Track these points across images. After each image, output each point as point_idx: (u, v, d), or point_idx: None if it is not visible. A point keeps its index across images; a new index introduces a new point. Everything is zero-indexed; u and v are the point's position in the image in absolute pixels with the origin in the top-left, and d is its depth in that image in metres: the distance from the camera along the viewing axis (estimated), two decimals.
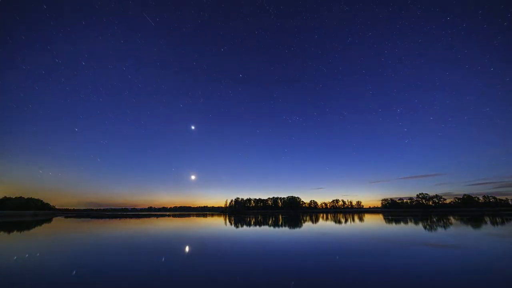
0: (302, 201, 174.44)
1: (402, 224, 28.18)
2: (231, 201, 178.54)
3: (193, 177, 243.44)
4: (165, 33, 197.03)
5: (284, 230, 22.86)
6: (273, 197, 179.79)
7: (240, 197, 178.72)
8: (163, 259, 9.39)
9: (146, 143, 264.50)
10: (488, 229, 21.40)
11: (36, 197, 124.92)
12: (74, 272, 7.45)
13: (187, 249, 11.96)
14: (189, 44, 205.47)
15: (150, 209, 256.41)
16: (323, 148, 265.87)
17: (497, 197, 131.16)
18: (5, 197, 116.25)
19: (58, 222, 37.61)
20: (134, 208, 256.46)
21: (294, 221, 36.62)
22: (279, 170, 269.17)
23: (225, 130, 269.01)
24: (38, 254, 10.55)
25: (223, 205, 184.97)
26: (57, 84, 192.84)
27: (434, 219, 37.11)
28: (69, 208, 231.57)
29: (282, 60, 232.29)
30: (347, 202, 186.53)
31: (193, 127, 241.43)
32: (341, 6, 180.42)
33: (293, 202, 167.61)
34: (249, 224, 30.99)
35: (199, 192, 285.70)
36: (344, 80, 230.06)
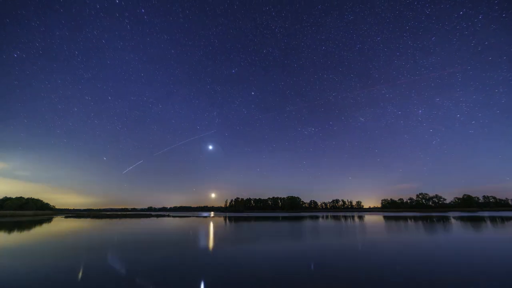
0: (302, 201, 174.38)
1: (402, 224, 28.18)
2: (231, 201, 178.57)
3: (213, 195, 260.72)
4: (179, 63, 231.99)
5: (284, 230, 22.88)
6: (273, 197, 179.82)
7: (240, 197, 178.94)
8: (162, 259, 9.43)
9: (167, 165, 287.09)
10: (487, 229, 21.42)
11: (36, 197, 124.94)
12: (73, 272, 7.49)
13: (186, 249, 11.99)
14: (202, 70, 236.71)
15: (150, 209, 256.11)
16: (344, 157, 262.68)
17: (497, 197, 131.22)
18: (5, 197, 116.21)
19: (58, 222, 37.62)
20: (134, 208, 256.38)
21: (294, 221, 36.61)
22: (298, 181, 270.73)
23: (242, 147, 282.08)
24: (37, 254, 10.60)
25: (223, 205, 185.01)
26: (87, 119, 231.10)
27: (434, 219, 37.11)
28: (69, 208, 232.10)
29: (292, 75, 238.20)
30: (347, 202, 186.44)
31: (210, 147, 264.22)
32: (345, 16, 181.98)
33: (293, 202, 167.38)
34: (248, 224, 30.99)
35: (199, 192, 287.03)
36: (357, 87, 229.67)
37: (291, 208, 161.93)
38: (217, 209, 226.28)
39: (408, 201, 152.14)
